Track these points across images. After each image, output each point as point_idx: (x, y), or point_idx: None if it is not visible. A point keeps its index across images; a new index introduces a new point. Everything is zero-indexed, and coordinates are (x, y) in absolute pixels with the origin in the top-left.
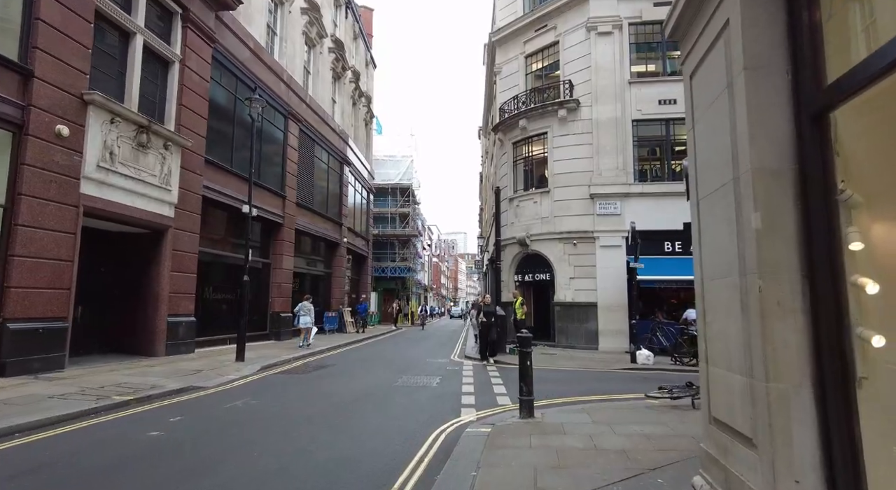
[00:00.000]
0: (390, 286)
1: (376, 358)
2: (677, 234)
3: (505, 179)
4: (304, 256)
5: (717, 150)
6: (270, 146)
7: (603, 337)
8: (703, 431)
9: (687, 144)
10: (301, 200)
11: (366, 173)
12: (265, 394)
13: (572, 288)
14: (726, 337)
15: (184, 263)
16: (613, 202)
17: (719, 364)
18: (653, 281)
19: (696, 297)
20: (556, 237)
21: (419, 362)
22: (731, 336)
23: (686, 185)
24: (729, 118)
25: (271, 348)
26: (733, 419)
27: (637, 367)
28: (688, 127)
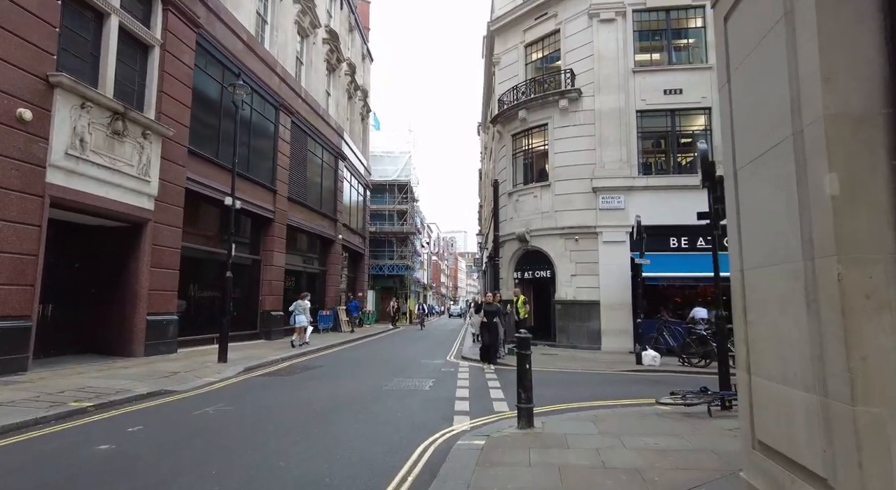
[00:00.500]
0: (388, 284)
1: (369, 359)
2: (684, 230)
3: (504, 173)
4: (297, 253)
5: (764, 104)
6: (261, 139)
7: (606, 336)
8: (744, 456)
9: (720, 106)
10: (293, 195)
11: (362, 169)
12: (243, 398)
13: (574, 285)
14: (780, 340)
15: (165, 259)
16: (617, 196)
17: (769, 375)
18: (657, 278)
19: (731, 291)
20: (557, 232)
21: (413, 363)
22: (789, 339)
23: (703, 168)
24: (786, 57)
25: (260, 348)
26: (793, 448)
27: (643, 368)
28: (720, 83)
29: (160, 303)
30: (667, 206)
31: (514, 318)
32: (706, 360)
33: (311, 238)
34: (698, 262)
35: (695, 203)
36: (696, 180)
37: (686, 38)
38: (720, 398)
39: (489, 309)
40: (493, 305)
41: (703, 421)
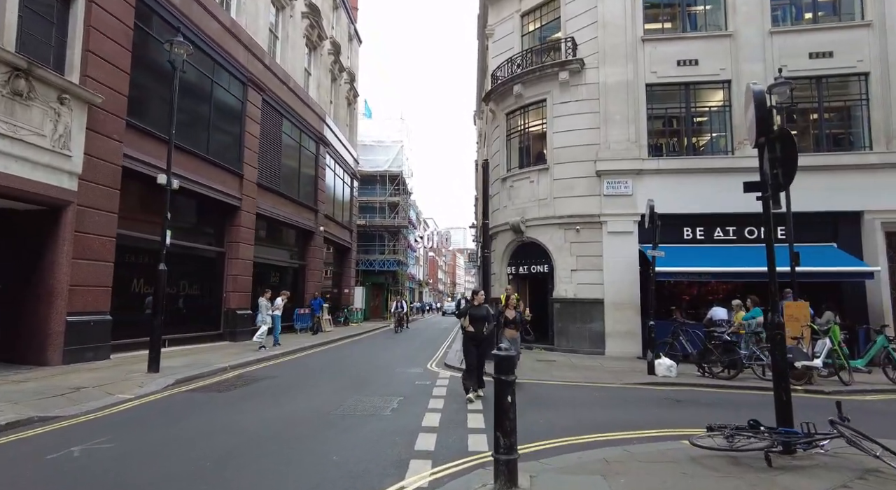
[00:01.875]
0: (379, 280)
1: (334, 367)
2: (700, 219)
3: (497, 156)
4: (270, 246)
5: None
6: (225, 117)
7: (611, 339)
8: None
9: None
10: (265, 181)
11: (349, 157)
12: (139, 429)
13: (574, 282)
14: None
15: (94, 249)
16: (624, 180)
17: None
18: (671, 273)
19: None
20: (556, 222)
21: (384, 373)
22: None
23: (757, 117)
24: None
25: (215, 352)
26: None
27: (657, 381)
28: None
29: (86, 300)
30: (680, 192)
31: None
32: (731, 370)
33: (287, 229)
34: (717, 254)
35: (714, 188)
36: (714, 163)
37: (702, 3)
38: (783, 441)
39: (476, 313)
40: (481, 308)
41: (762, 475)
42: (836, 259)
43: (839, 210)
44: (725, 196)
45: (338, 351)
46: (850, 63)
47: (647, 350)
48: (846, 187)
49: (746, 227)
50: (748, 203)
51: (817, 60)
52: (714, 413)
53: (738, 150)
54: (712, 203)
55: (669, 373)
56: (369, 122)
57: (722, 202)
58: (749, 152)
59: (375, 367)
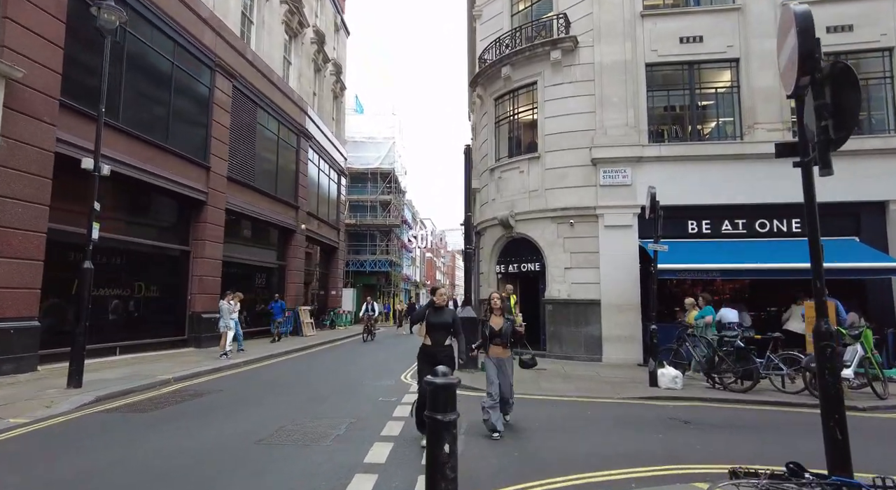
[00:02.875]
0: (371, 282)
1: (295, 379)
2: (706, 211)
3: (486, 146)
4: (245, 244)
5: None
6: (188, 104)
7: (608, 345)
8: None
9: None
10: (236, 175)
11: (336, 153)
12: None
13: (568, 281)
14: None
15: (15, 246)
16: (622, 169)
17: None
18: (673, 270)
19: None
20: (549, 215)
21: (349, 386)
22: None
23: (801, 51)
24: None
25: (169, 361)
26: None
27: (661, 394)
28: None
29: (6, 305)
30: (684, 182)
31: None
32: (744, 382)
33: (264, 227)
34: (725, 250)
35: (721, 177)
36: (721, 149)
37: None
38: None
39: (437, 320)
40: (444, 312)
41: None
42: (858, 254)
43: (861, 200)
44: (734, 186)
45: (309, 359)
46: (871, 37)
47: (649, 357)
48: (869, 174)
49: (757, 219)
50: (759, 193)
51: (836, 35)
52: (732, 439)
53: (748, 134)
54: (720, 193)
55: (675, 384)
56: (361, 118)
57: (730, 192)
58: (760, 137)
59: (341, 378)
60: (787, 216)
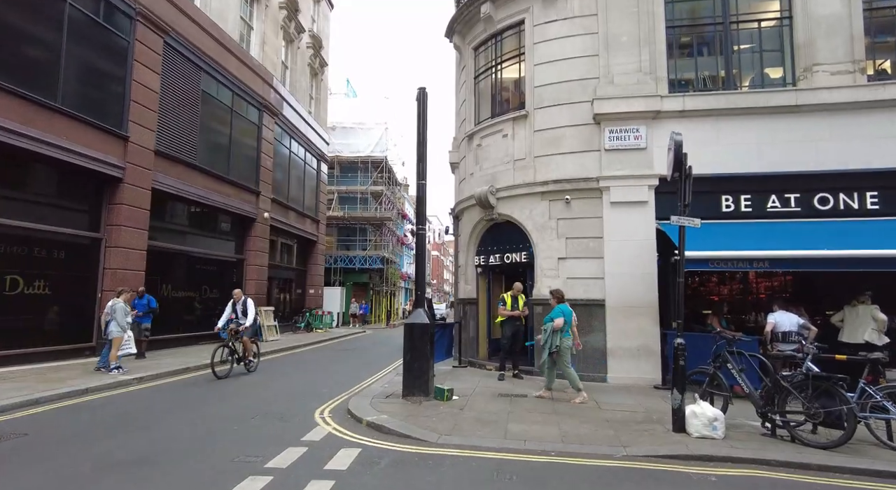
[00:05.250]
0: (362, 279)
1: (156, 416)
2: (746, 183)
3: (464, 109)
4: (189, 233)
5: None
6: (94, 57)
7: (615, 360)
8: None
9: None
10: (169, 149)
11: (314, 135)
12: None
13: (563, 275)
14: None
15: None
16: (633, 127)
17: None
18: (707, 260)
19: None
20: (538, 190)
21: (223, 436)
22: None
23: None
24: None
25: (37, 377)
26: None
27: (692, 451)
28: None
29: None
30: (717, 145)
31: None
32: (829, 430)
33: (214, 214)
34: (773, 233)
35: (766, 137)
36: (766, 99)
37: None
38: None
39: None
40: None
41: None
42: None
43: None
44: (785, 148)
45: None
46: None
47: (675, 385)
48: None
49: (817, 193)
50: (820, 157)
51: None
52: None
53: (804, 80)
54: (765, 159)
55: (712, 431)
56: (349, 105)
57: (779, 157)
58: (821, 83)
59: (231, 416)
60: (860, 188)
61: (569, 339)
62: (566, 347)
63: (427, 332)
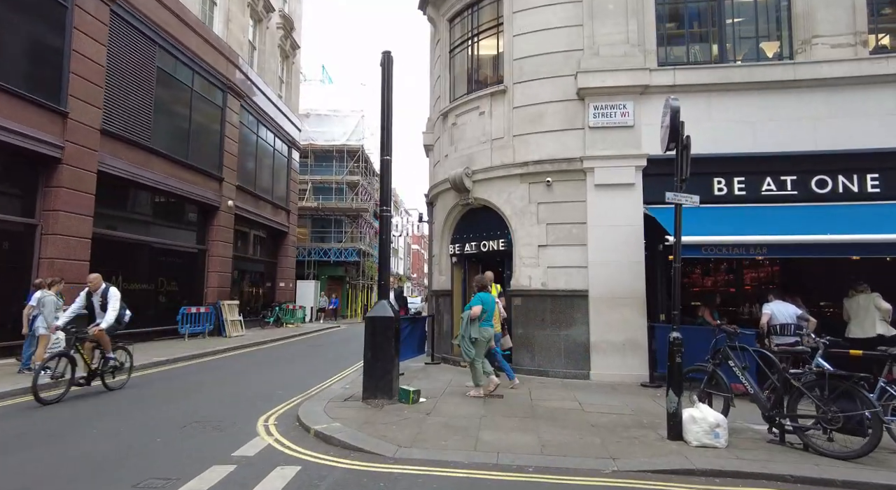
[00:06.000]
0: (337, 273)
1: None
2: (740, 164)
3: (439, 86)
4: (145, 222)
5: None
6: (21, 20)
7: (598, 355)
8: None
9: None
10: (118, 129)
11: (285, 121)
12: None
13: (543, 264)
14: None
15: None
16: (620, 104)
17: None
18: (696, 246)
19: None
20: (517, 172)
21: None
22: None
23: None
24: None
25: None
26: None
27: (693, 464)
28: None
29: None
30: (709, 123)
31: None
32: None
33: (171, 201)
34: (769, 218)
35: (762, 114)
36: (762, 73)
37: None
38: None
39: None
40: None
41: None
42: None
43: None
44: (781, 127)
45: (154, 382)
46: None
47: (670, 385)
48: None
49: (815, 175)
50: (819, 136)
51: None
52: None
53: (802, 53)
54: (759, 138)
55: (714, 439)
56: (329, 90)
57: (775, 136)
58: (820, 56)
59: (161, 424)
60: (860, 170)
61: (488, 329)
62: (484, 339)
63: (391, 327)
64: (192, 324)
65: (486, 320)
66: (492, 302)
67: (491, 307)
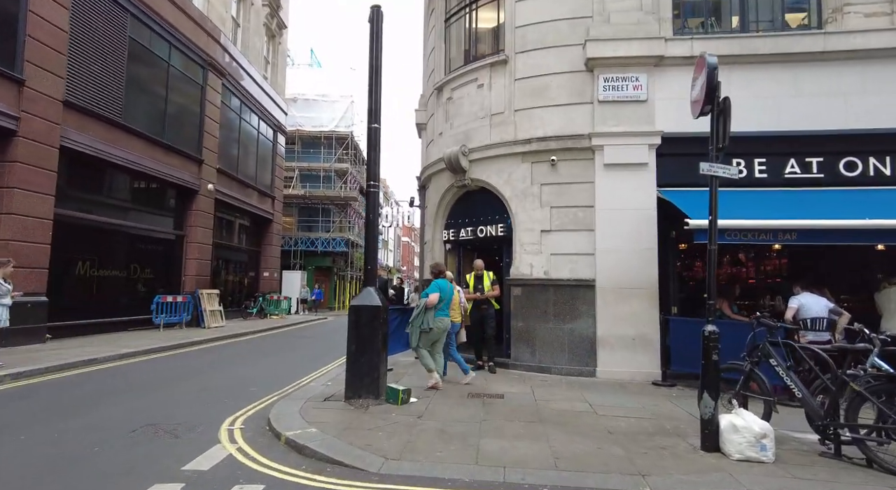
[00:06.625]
0: (325, 263)
1: (67, 412)
2: (761, 144)
3: (433, 59)
4: (116, 204)
5: None
6: None
7: (605, 350)
8: None
9: None
10: (84, 101)
11: (270, 103)
12: None
13: (546, 251)
14: None
15: None
16: (632, 76)
17: None
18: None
19: None
20: (518, 150)
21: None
22: None
23: None
24: None
25: None
26: None
27: (739, 482)
28: None
29: None
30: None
31: None
32: None
33: (146, 183)
34: (795, 203)
35: (787, 89)
36: (788, 44)
37: None
38: None
39: None
40: None
41: None
42: None
43: None
44: (807, 104)
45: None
46: None
47: (705, 387)
48: None
49: (843, 156)
50: (850, 114)
51: None
52: None
53: (833, 22)
54: (783, 116)
55: (761, 452)
56: (318, 75)
57: (801, 114)
58: (852, 25)
59: (107, 427)
60: (894, 151)
61: (444, 319)
62: (440, 329)
63: (378, 318)
64: (169, 314)
65: (443, 310)
66: (450, 290)
67: (449, 296)
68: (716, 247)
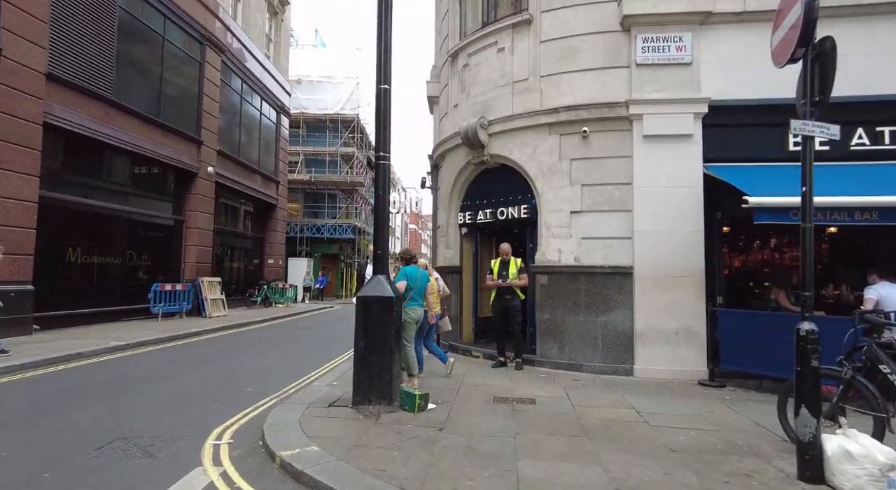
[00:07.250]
0: (331, 250)
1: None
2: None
3: (447, 23)
4: (101, 186)
5: None
6: None
7: (644, 346)
8: None
9: None
10: (71, 76)
11: (273, 83)
12: None
13: (576, 235)
14: None
15: None
16: (675, 36)
17: None
18: (780, 209)
19: None
20: (544, 121)
21: None
22: None
23: None
24: None
25: None
26: None
27: None
28: None
29: None
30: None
31: None
32: None
33: (141, 165)
34: (863, 177)
35: (855, 48)
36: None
37: None
38: None
39: None
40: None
41: None
42: None
43: None
44: (880, 64)
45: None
46: None
47: (802, 400)
48: None
49: None
50: None
51: None
52: None
53: None
54: (851, 78)
55: (889, 488)
56: (323, 56)
57: (874, 75)
58: None
59: (73, 439)
60: None
61: (416, 309)
62: (410, 321)
63: (391, 310)
64: (168, 302)
65: (414, 299)
66: (423, 277)
67: (421, 284)
68: (811, 224)
